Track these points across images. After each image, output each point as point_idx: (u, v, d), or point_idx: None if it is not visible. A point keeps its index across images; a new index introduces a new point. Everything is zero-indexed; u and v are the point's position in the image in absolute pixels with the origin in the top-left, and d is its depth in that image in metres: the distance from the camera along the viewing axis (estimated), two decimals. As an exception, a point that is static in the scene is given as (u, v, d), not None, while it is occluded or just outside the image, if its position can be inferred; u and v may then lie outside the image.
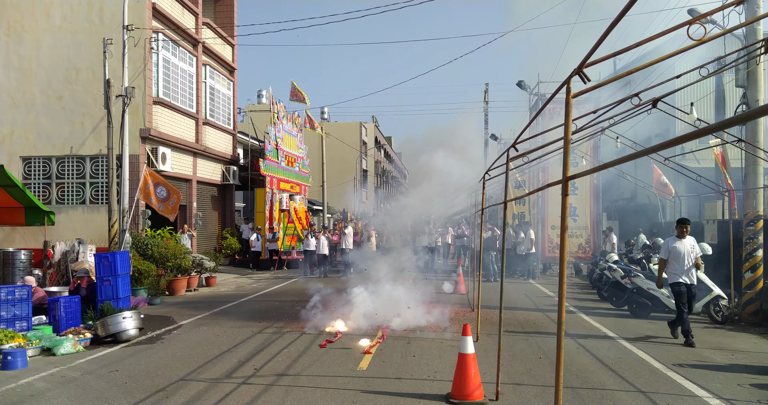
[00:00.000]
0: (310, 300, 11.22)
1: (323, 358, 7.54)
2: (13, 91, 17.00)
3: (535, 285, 16.12)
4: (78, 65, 16.77)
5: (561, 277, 3.42)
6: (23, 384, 6.54)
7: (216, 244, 22.05)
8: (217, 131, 21.75)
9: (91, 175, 16.91)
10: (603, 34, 2.94)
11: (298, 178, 26.13)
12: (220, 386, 6.34)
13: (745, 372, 6.90)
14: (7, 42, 17.03)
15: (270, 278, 18.71)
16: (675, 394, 6.00)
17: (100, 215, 16.45)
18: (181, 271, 14.74)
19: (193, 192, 19.80)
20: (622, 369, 6.99)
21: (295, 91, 25.18)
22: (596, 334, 9.15)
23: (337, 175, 47.17)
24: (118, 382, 6.54)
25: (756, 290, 10.13)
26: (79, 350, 8.14)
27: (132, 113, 15.12)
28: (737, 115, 1.87)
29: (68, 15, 16.89)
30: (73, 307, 9.33)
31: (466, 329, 5.88)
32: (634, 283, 11.04)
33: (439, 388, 6.16)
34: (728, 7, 3.46)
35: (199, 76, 20.17)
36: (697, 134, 2.16)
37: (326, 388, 6.23)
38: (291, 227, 23.24)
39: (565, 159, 3.34)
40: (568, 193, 3.29)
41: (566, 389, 6.07)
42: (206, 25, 21.06)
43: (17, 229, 16.17)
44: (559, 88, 3.57)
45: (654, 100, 6.94)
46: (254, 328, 9.67)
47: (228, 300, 13.37)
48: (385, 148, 73.69)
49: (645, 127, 16.64)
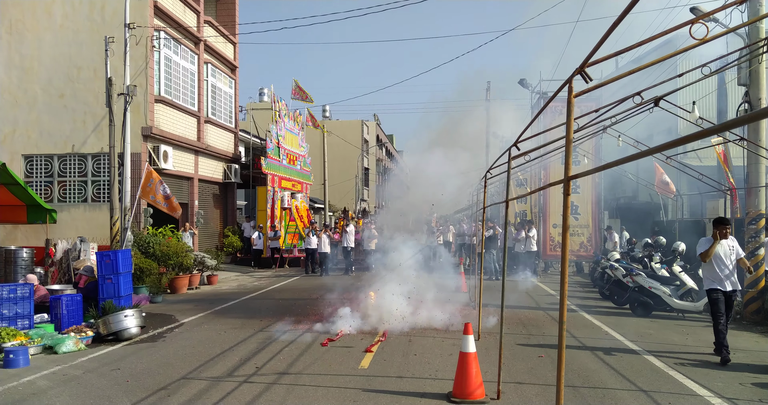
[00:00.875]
0: (311, 298, 11.23)
1: (324, 357, 7.54)
2: (15, 89, 17.01)
3: (537, 283, 16.11)
4: (79, 63, 16.78)
5: (563, 275, 3.41)
6: (25, 382, 6.56)
7: (218, 242, 22.07)
8: (219, 129, 21.75)
9: (93, 173, 16.93)
10: (605, 34, 2.93)
11: (299, 176, 26.13)
12: (222, 385, 6.34)
13: (746, 371, 6.89)
14: (9, 40, 17.04)
15: (271, 276, 18.73)
16: (676, 393, 5.99)
17: (101, 213, 16.47)
18: (183, 269, 14.76)
19: (195, 190, 19.82)
20: (623, 368, 6.98)
21: (297, 90, 25.16)
22: (597, 333, 9.14)
23: (339, 174, 47.14)
24: (120, 381, 6.55)
25: (758, 289, 10.12)
26: (81, 348, 8.16)
27: (134, 111, 15.12)
28: (743, 115, 1.85)
29: (70, 13, 16.89)
30: (74, 305, 9.34)
31: (467, 328, 5.87)
32: (635, 282, 11.03)
33: (441, 387, 6.17)
34: (731, 5, 3.45)
35: (201, 75, 20.17)
36: (702, 134, 2.15)
37: (327, 386, 6.24)
38: (292, 225, 23.25)
39: (567, 158, 3.33)
40: (570, 193, 3.28)
41: (567, 388, 6.07)
42: (208, 23, 21.05)
43: (19, 227, 16.19)
44: (561, 88, 3.56)
45: (656, 98, 6.93)
46: (256, 327, 9.68)
47: (229, 298, 13.38)
48: (387, 146, 73.66)
49: (647, 126, 16.62)
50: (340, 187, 47.45)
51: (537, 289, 15.03)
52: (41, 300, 9.90)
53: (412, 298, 10.48)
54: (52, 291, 10.73)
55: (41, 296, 10.01)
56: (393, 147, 78.27)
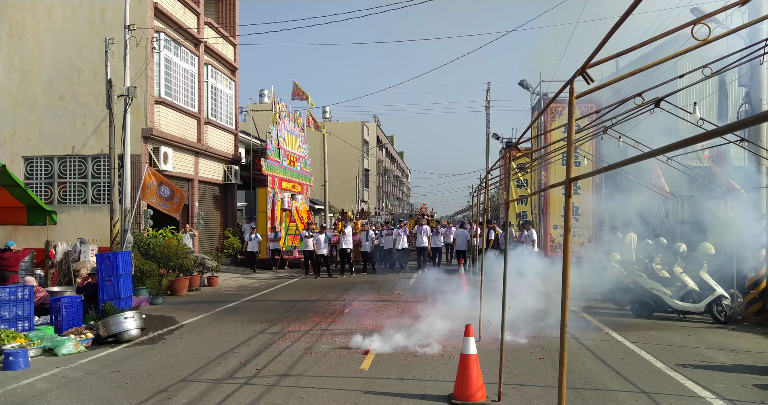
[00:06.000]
0: (311, 300, 11.21)
1: (325, 359, 7.52)
2: (15, 91, 17.01)
3: (537, 284, 16.06)
4: (80, 65, 16.78)
5: (564, 277, 3.39)
6: (25, 384, 6.54)
7: (218, 243, 22.06)
8: (219, 131, 21.75)
9: (93, 174, 16.92)
10: (607, 35, 2.92)
11: (299, 177, 26.12)
12: (222, 387, 6.33)
13: (748, 372, 6.87)
14: (9, 43, 17.04)
15: (272, 278, 18.70)
16: (678, 395, 5.97)
17: (101, 215, 16.46)
18: (183, 270, 14.74)
19: (195, 191, 19.81)
20: (624, 369, 6.96)
21: (296, 91, 25.16)
22: (598, 334, 9.12)
23: (339, 175, 47.15)
24: (120, 383, 6.53)
25: (759, 290, 10.10)
26: (81, 350, 8.14)
27: (134, 113, 15.12)
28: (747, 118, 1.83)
29: (70, 15, 16.90)
30: (74, 307, 9.32)
31: (468, 330, 5.86)
32: (636, 283, 11.01)
33: (441, 389, 6.15)
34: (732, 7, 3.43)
35: (201, 76, 20.17)
36: (705, 136, 2.14)
37: (328, 388, 6.22)
38: (293, 227, 23.23)
39: (569, 160, 3.32)
40: (571, 194, 3.27)
41: (569, 390, 6.05)
42: (208, 25, 21.06)
43: (19, 229, 16.18)
44: (563, 89, 3.55)
45: (657, 99, 6.91)
46: (256, 328, 9.66)
47: (230, 300, 13.36)
48: (387, 148, 73.62)
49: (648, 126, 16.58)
50: (341, 188, 47.46)
51: (537, 289, 14.97)
52: (41, 302, 9.88)
53: (412, 298, 10.46)
54: (52, 293, 10.72)
55: (41, 298, 10.00)
56: (393, 148, 78.20)
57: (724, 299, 10.18)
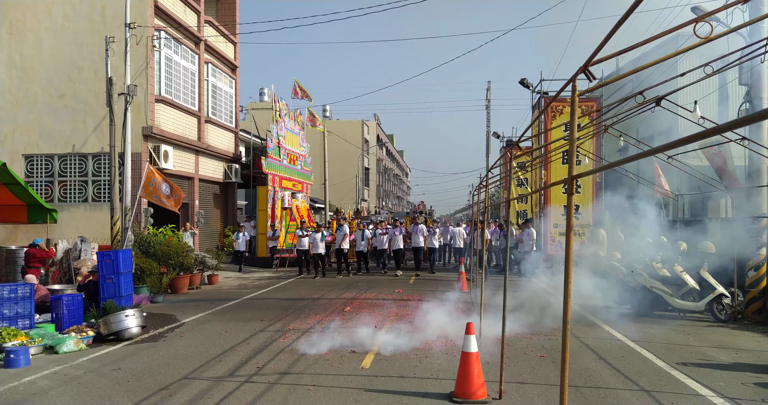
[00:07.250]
0: (312, 298, 11.22)
1: (326, 357, 7.53)
2: (15, 89, 17.01)
3: (537, 283, 16.08)
4: (80, 64, 16.78)
5: (567, 275, 3.39)
6: (26, 382, 6.55)
7: (218, 242, 22.06)
8: (219, 129, 21.74)
9: (94, 173, 16.92)
10: (610, 33, 2.92)
11: (300, 176, 26.11)
12: (223, 385, 6.33)
13: (748, 371, 6.88)
14: (9, 41, 17.03)
15: (272, 276, 18.70)
16: (679, 393, 5.98)
17: (102, 213, 16.47)
18: (184, 269, 14.75)
19: (195, 190, 19.81)
20: (625, 367, 6.97)
21: (297, 89, 25.16)
22: (599, 333, 9.13)
23: (339, 174, 47.14)
24: (121, 381, 6.54)
25: (759, 289, 10.10)
26: (82, 348, 8.15)
27: (134, 111, 15.11)
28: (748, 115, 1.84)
29: (70, 14, 16.89)
30: (75, 305, 9.33)
31: (469, 328, 5.86)
32: (637, 281, 11.02)
33: (442, 387, 6.15)
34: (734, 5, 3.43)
35: (201, 74, 20.16)
36: (705, 134, 2.14)
37: (329, 386, 6.23)
38: (293, 225, 23.23)
39: (571, 158, 3.32)
40: (573, 192, 3.27)
41: (569, 388, 6.04)
42: (208, 23, 21.04)
43: (20, 227, 16.18)
44: (565, 86, 3.55)
45: (658, 98, 6.91)
46: (257, 326, 9.66)
47: (230, 298, 13.37)
48: (387, 146, 73.61)
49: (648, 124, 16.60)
50: (341, 187, 47.47)
51: (537, 288, 14.99)
52: (42, 300, 9.89)
53: (412, 298, 10.47)
54: (52, 291, 10.73)
55: (42, 296, 10.01)
56: (393, 147, 78.19)
57: (725, 298, 10.18)
